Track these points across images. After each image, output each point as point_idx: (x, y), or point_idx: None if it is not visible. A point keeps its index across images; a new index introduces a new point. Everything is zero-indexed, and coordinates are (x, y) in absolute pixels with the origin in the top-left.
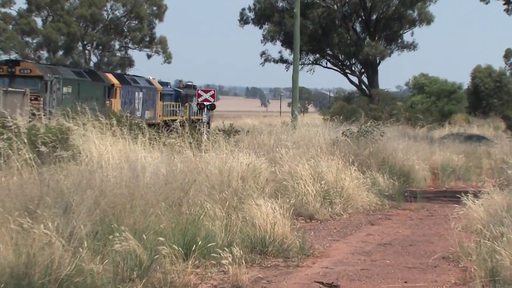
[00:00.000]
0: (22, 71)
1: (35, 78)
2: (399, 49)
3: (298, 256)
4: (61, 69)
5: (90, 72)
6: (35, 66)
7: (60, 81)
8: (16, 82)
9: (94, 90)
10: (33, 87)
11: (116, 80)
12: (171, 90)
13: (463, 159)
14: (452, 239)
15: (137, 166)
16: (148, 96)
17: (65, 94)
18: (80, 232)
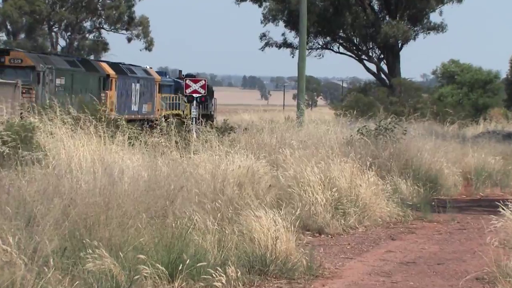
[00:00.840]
0: (12, 61)
1: (27, 68)
2: (425, 31)
3: (304, 277)
4: (53, 58)
5: (83, 61)
6: (27, 55)
7: (53, 71)
8: (5, 73)
9: (88, 81)
10: (25, 79)
11: (111, 70)
12: (170, 81)
13: (500, 162)
14: (487, 256)
15: (113, 170)
16: (145, 88)
17: (58, 86)
18: (46, 249)
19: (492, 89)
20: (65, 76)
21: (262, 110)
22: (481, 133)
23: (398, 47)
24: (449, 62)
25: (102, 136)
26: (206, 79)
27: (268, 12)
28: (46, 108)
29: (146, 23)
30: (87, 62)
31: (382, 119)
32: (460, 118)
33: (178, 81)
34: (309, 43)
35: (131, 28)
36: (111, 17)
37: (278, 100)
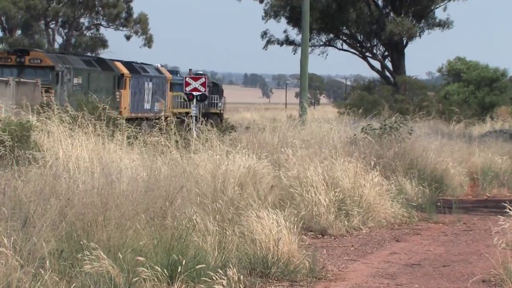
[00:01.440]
0: (32, 61)
1: (46, 68)
2: (430, 28)
3: (307, 279)
4: (71, 58)
5: (99, 60)
6: (46, 55)
7: (71, 71)
8: (25, 72)
9: (104, 80)
10: (44, 78)
11: (125, 69)
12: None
13: (508, 162)
14: (494, 258)
15: (111, 170)
16: (157, 87)
17: (76, 85)
18: (42, 250)
19: (499, 87)
20: (82, 76)
21: (263, 108)
22: (487, 132)
23: (403, 44)
24: (455, 59)
25: (100, 135)
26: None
27: (270, 8)
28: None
29: (145, 19)
30: (102, 62)
31: (386, 118)
32: (467, 117)
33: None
34: (311, 40)
35: (130, 25)
36: (110, 14)
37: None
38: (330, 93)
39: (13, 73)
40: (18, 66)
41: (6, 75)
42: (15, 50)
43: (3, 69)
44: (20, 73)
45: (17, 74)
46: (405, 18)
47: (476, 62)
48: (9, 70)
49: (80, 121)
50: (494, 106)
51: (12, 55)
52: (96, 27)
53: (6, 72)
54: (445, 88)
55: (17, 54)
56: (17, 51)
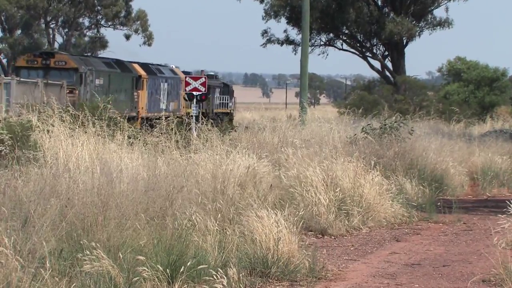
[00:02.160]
0: (57, 63)
1: (70, 70)
2: (430, 27)
3: (307, 279)
4: (92, 60)
5: (118, 62)
6: (70, 58)
7: (93, 73)
8: (51, 74)
9: (123, 81)
10: (69, 80)
11: (142, 71)
12: None
13: (508, 161)
14: (494, 258)
15: (111, 170)
16: (172, 87)
17: (97, 86)
18: (42, 250)
19: (499, 87)
20: (103, 77)
21: (263, 108)
22: (487, 132)
23: (403, 44)
24: (455, 59)
25: (101, 134)
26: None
27: (270, 8)
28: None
29: (144, 16)
30: (121, 64)
31: (386, 117)
32: (467, 117)
33: None
34: (311, 40)
35: (129, 23)
36: (109, 13)
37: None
38: (330, 93)
39: (39, 74)
40: (44, 68)
41: (33, 76)
42: (41, 53)
43: (30, 71)
44: (45, 75)
45: (43, 75)
46: (405, 18)
47: (476, 62)
48: (35, 72)
49: (81, 120)
50: (494, 106)
51: (38, 58)
52: (96, 26)
53: (32, 74)
54: (445, 88)
55: (43, 56)
56: (43, 53)
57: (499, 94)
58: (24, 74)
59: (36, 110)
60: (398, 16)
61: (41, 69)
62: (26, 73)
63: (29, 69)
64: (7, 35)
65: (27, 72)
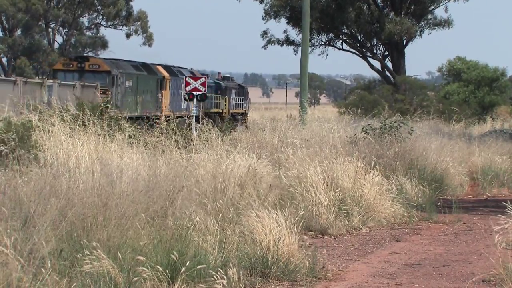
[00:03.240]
0: (91, 66)
1: (103, 73)
2: (430, 27)
3: (307, 279)
4: (122, 63)
5: (144, 65)
6: (103, 61)
7: (124, 75)
8: (85, 77)
9: (149, 83)
10: (102, 82)
11: (166, 73)
12: (212, 82)
13: (508, 161)
14: (494, 258)
15: (112, 170)
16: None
17: (127, 87)
18: (43, 250)
19: (499, 87)
20: (132, 79)
21: (263, 108)
22: (487, 132)
23: (403, 44)
24: (455, 59)
25: (101, 134)
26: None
27: (270, 8)
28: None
29: (145, 17)
30: (147, 66)
31: (386, 117)
32: (467, 117)
33: (218, 83)
34: (311, 40)
35: (130, 23)
36: (110, 13)
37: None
38: (330, 93)
39: (75, 77)
40: (79, 71)
41: (69, 78)
42: (76, 57)
43: (66, 73)
44: (80, 77)
45: (78, 78)
46: (405, 17)
47: (476, 62)
48: (71, 74)
49: (81, 120)
50: (494, 105)
51: (73, 61)
52: (96, 26)
53: (68, 76)
54: (445, 88)
55: (78, 60)
56: (78, 57)
57: (499, 94)
58: (61, 76)
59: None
60: (398, 16)
61: (76, 71)
62: (62, 75)
63: (65, 71)
64: (7, 35)
65: (64, 75)
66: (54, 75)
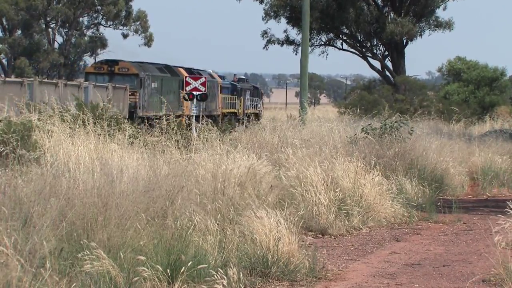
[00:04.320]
0: (120, 69)
1: (132, 75)
2: (431, 28)
3: (307, 279)
4: (148, 66)
5: (167, 67)
6: (131, 65)
7: (150, 77)
8: (115, 79)
9: (172, 84)
10: (130, 84)
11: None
12: (228, 84)
13: (508, 161)
14: (494, 258)
15: (112, 169)
16: (211, 89)
17: (153, 89)
18: (43, 250)
19: (498, 87)
20: (157, 81)
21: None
22: (487, 132)
23: (403, 44)
24: (455, 59)
25: (101, 134)
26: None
27: (270, 8)
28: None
29: (144, 17)
30: (170, 68)
31: (386, 117)
32: (466, 117)
33: (234, 84)
34: (312, 40)
35: (129, 23)
36: (110, 13)
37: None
38: (330, 93)
39: (105, 79)
40: (109, 74)
41: (99, 81)
42: (106, 61)
43: (97, 76)
44: (110, 80)
45: (108, 80)
46: (405, 18)
47: (476, 62)
48: (102, 77)
49: (81, 119)
50: (494, 105)
51: (104, 65)
52: (96, 26)
53: (99, 79)
54: (445, 88)
55: (108, 64)
56: (109, 61)
57: (499, 94)
58: (92, 79)
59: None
60: (398, 16)
61: (106, 74)
62: (93, 78)
63: (96, 74)
64: (7, 35)
65: (95, 77)
66: (86, 77)
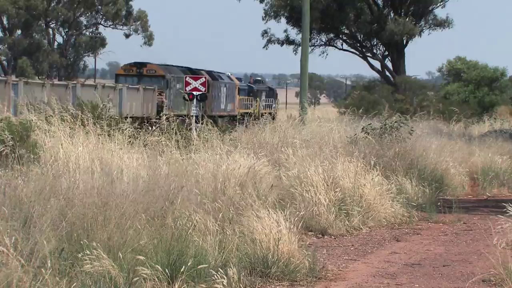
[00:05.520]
0: (148, 71)
1: (159, 77)
2: (431, 27)
3: (307, 279)
4: (173, 68)
5: (190, 70)
6: (158, 67)
7: (175, 79)
8: (143, 80)
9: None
10: (158, 85)
11: (209, 77)
12: (245, 86)
13: (508, 161)
14: (494, 258)
15: (112, 170)
16: (229, 91)
17: (178, 90)
18: (43, 250)
19: (498, 87)
20: (181, 82)
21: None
22: (487, 132)
23: (403, 44)
24: (455, 59)
25: (100, 134)
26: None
27: (270, 8)
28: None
29: (145, 17)
30: (191, 70)
31: (386, 117)
32: (466, 117)
33: (251, 86)
34: (312, 40)
35: (129, 23)
36: (109, 12)
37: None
38: (330, 93)
39: (134, 80)
40: (138, 76)
41: (129, 82)
42: (135, 63)
43: (127, 77)
44: (139, 81)
45: (137, 81)
46: (405, 18)
47: (476, 62)
48: (131, 78)
49: (80, 119)
50: (493, 105)
51: (133, 67)
52: (96, 26)
53: (128, 80)
54: (445, 87)
55: (137, 66)
56: (137, 63)
57: (499, 94)
58: (122, 80)
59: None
60: (398, 16)
61: (135, 76)
62: (123, 79)
63: (126, 76)
64: (7, 35)
65: (124, 79)
66: (116, 79)
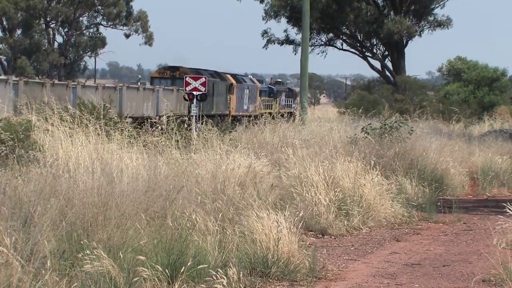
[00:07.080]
0: (180, 74)
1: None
2: (431, 27)
3: (307, 279)
4: (202, 72)
5: (217, 73)
6: (189, 70)
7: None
8: (176, 83)
9: (221, 88)
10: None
11: (233, 80)
12: (266, 87)
13: (508, 161)
14: (494, 258)
15: (112, 169)
16: (252, 93)
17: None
18: (43, 250)
19: (499, 87)
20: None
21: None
22: (487, 132)
23: (403, 43)
24: (455, 59)
25: (100, 134)
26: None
27: (270, 8)
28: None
29: (145, 17)
30: (219, 74)
31: (386, 117)
32: (466, 117)
33: (271, 87)
34: (311, 40)
35: (130, 23)
36: (111, 13)
37: None
38: (330, 93)
39: (167, 83)
40: (171, 78)
41: (163, 84)
42: (169, 67)
43: (161, 80)
44: (172, 83)
45: (170, 84)
46: (405, 17)
47: (476, 62)
48: (165, 81)
49: (79, 119)
50: (494, 105)
51: (167, 70)
52: (96, 26)
53: (162, 82)
54: (445, 87)
55: (171, 69)
56: (171, 67)
57: (499, 94)
58: (156, 83)
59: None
60: (398, 17)
61: (169, 79)
62: (158, 81)
63: (160, 79)
64: (7, 35)
65: (159, 81)
66: (151, 81)
